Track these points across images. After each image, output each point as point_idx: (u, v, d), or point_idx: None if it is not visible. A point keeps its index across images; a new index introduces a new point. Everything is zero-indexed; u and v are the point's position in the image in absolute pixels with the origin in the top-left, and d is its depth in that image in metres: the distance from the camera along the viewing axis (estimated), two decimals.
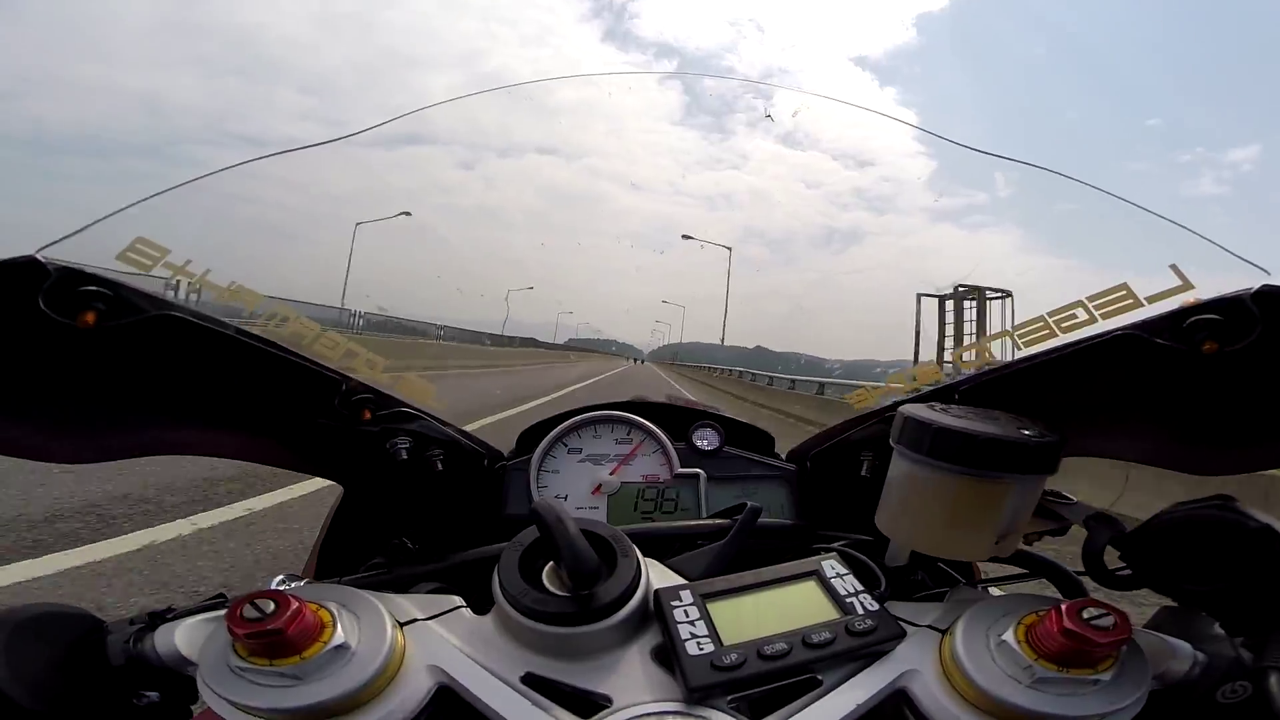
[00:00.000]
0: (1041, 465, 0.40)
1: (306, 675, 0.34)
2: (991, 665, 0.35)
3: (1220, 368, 0.40)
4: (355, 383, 0.57)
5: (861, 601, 0.40)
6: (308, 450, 0.63)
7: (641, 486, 0.78)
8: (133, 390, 0.48)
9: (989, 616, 0.38)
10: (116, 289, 0.40)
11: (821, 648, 0.37)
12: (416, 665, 0.37)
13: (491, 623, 0.40)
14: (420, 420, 0.64)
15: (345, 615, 0.37)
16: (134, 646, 0.39)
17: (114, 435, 0.51)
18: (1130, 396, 0.48)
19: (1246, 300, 0.37)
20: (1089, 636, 0.33)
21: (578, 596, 0.38)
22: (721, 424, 0.84)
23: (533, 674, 0.37)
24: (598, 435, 0.82)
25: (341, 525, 0.73)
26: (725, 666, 0.36)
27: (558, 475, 0.79)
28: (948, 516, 0.42)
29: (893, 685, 0.36)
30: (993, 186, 15.03)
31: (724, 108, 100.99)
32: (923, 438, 0.41)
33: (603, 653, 0.38)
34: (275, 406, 0.56)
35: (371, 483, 0.70)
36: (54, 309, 0.38)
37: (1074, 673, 0.33)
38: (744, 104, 24.59)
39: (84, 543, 2.65)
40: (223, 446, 0.58)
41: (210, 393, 0.52)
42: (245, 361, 0.49)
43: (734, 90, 2.22)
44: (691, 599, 0.40)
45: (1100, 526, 0.44)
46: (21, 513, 2.86)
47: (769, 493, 0.79)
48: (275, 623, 0.33)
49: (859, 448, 0.69)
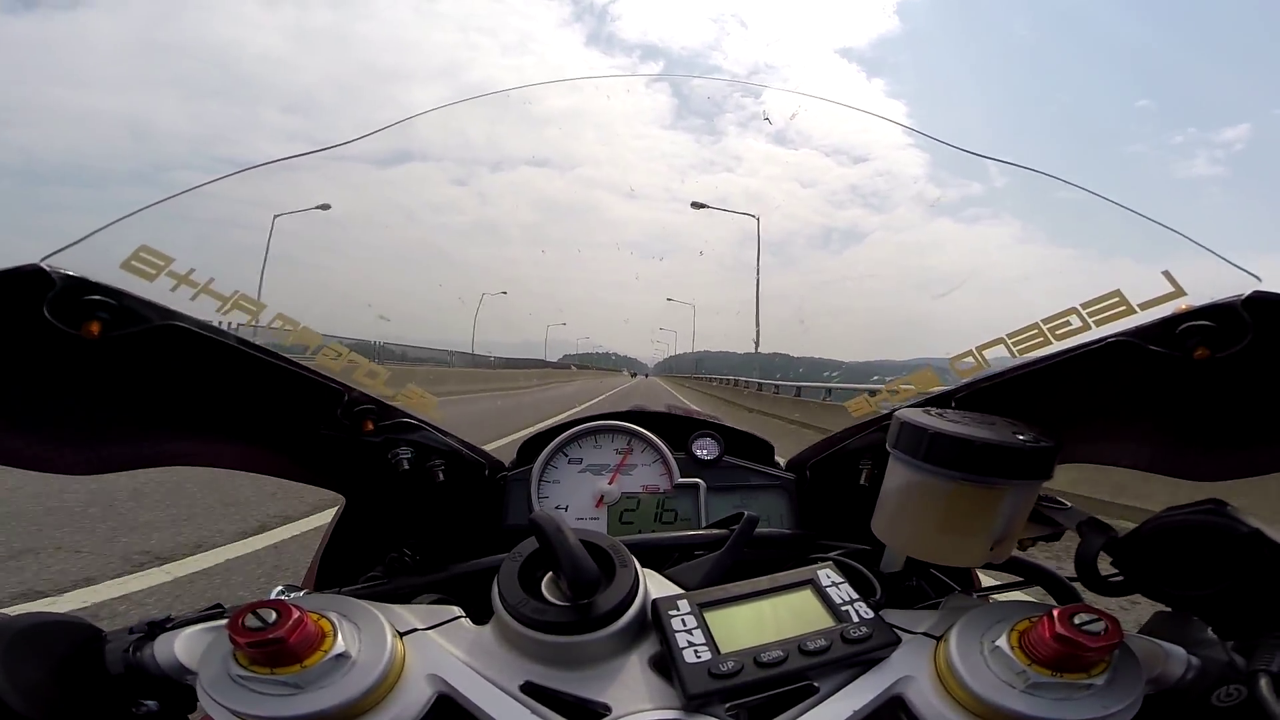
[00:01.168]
0: (1036, 471, 0.40)
1: (307, 684, 0.34)
2: (986, 671, 0.35)
3: (1212, 373, 0.40)
4: (357, 394, 0.57)
5: (857, 609, 0.41)
6: (310, 461, 0.63)
7: (642, 497, 0.79)
8: (136, 400, 0.49)
9: (983, 623, 0.38)
10: (121, 298, 0.41)
11: (817, 655, 0.37)
12: (416, 674, 0.37)
13: (491, 632, 0.40)
14: (421, 431, 0.64)
15: (346, 625, 0.38)
16: (133, 655, 0.39)
17: (117, 446, 0.51)
18: (1124, 402, 0.49)
19: (1238, 306, 0.38)
20: (1081, 641, 0.33)
21: (577, 606, 0.39)
22: (721, 433, 0.84)
23: (532, 683, 0.37)
24: (598, 445, 0.82)
25: (343, 536, 0.73)
26: (722, 674, 0.36)
27: (558, 485, 0.79)
28: (943, 521, 0.42)
29: (888, 692, 0.37)
30: (988, 177, 15.12)
31: (714, 109, 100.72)
32: (919, 443, 0.42)
33: (601, 662, 0.38)
34: (278, 417, 0.56)
35: (373, 493, 0.70)
36: (59, 318, 0.39)
37: (1067, 678, 0.33)
38: (734, 104, 23.22)
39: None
40: (226, 457, 0.58)
41: (213, 403, 0.52)
42: (248, 372, 0.49)
43: (723, 91, 2.22)
44: (689, 608, 0.41)
45: (1093, 532, 0.44)
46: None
47: (768, 502, 0.79)
48: (277, 632, 0.33)
49: (858, 456, 0.69)
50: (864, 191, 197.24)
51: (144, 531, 3.10)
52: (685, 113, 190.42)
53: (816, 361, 23.99)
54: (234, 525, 3.33)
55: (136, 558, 2.77)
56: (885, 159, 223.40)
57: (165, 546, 2.93)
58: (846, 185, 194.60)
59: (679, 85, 30.01)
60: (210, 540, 3.08)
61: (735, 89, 1.14)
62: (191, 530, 3.19)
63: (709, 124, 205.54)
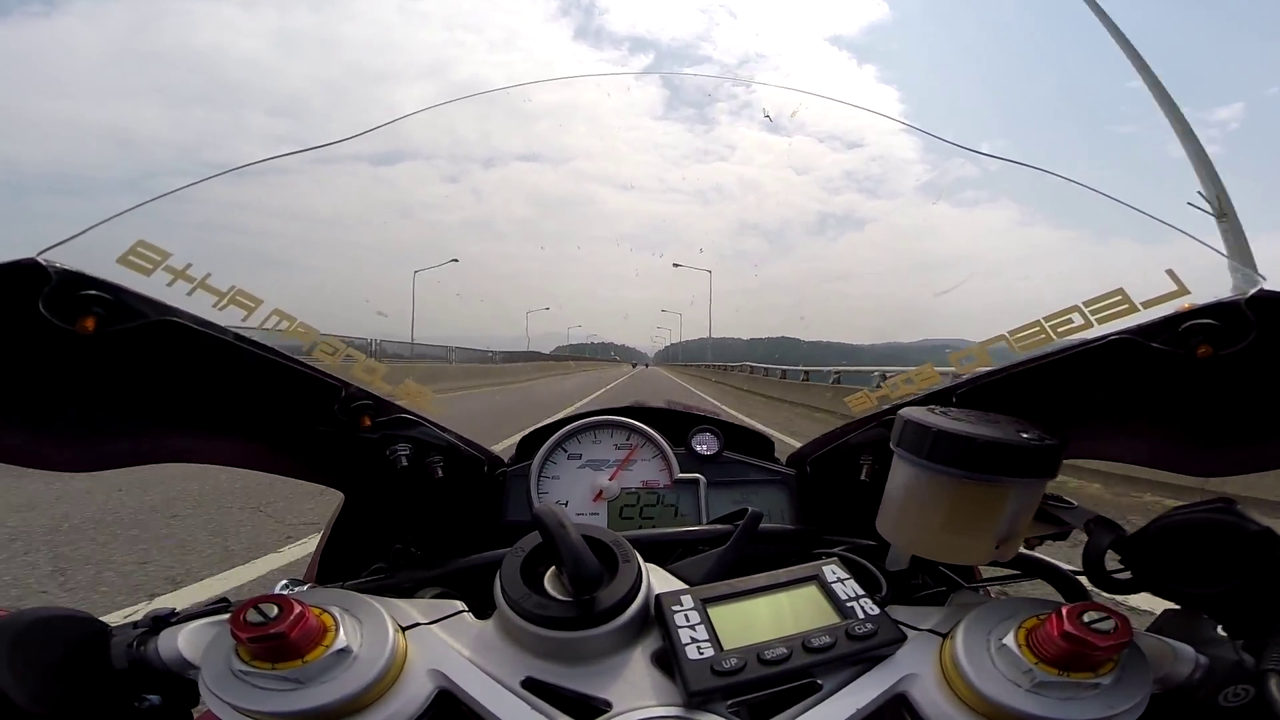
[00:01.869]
0: (1041, 469, 0.40)
1: (309, 679, 0.34)
2: (992, 669, 0.35)
3: (1215, 371, 0.40)
4: (355, 389, 0.57)
5: (862, 606, 0.40)
6: (308, 457, 0.63)
7: (641, 492, 0.79)
8: (133, 397, 0.48)
9: (989, 620, 0.38)
10: (118, 294, 0.40)
11: (821, 652, 0.37)
12: (418, 669, 0.37)
13: (493, 627, 0.40)
14: (420, 427, 0.64)
15: (347, 619, 0.37)
16: (136, 650, 0.39)
17: (114, 442, 0.51)
18: (1128, 400, 0.48)
19: (1241, 305, 0.38)
20: (1089, 640, 0.33)
21: (579, 601, 0.38)
22: (721, 429, 0.84)
23: (533, 679, 0.37)
24: (598, 441, 0.82)
25: (343, 531, 0.73)
26: (725, 671, 0.36)
27: (558, 481, 0.79)
28: (947, 520, 0.42)
29: (893, 689, 0.36)
30: (983, 161, 14.99)
31: (705, 99, 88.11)
32: (923, 441, 0.41)
33: (603, 657, 0.38)
34: (276, 413, 0.56)
35: (372, 489, 0.70)
36: (54, 313, 0.38)
37: (1074, 676, 0.33)
38: (725, 93, 23.05)
39: None
40: (224, 454, 0.58)
41: (211, 400, 0.52)
42: (246, 368, 0.49)
43: (714, 81, 2.22)
44: (692, 604, 0.40)
45: (1101, 530, 0.44)
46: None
47: (769, 497, 0.79)
48: (278, 627, 0.33)
49: (858, 452, 0.69)
50: (859, 177, 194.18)
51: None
52: (677, 103, 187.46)
53: (825, 346, 23.64)
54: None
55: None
56: (879, 144, 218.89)
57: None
58: (841, 171, 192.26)
59: (671, 76, 30.08)
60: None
61: (728, 80, 1.13)
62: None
63: (701, 113, 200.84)
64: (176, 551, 2.94)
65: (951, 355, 0.57)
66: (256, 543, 3.10)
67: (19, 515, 3.30)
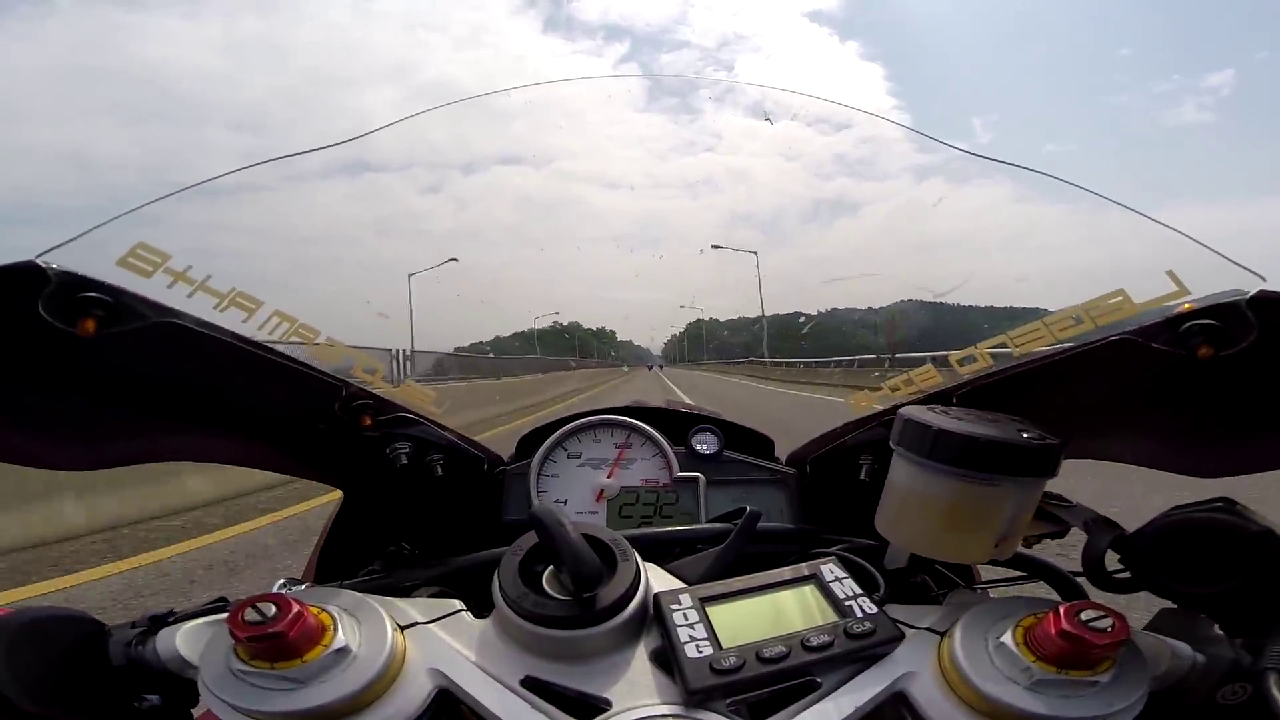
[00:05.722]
0: (1041, 469, 0.40)
1: (307, 678, 0.34)
2: (990, 667, 0.35)
3: (1216, 372, 0.40)
4: (355, 388, 0.57)
5: (860, 605, 0.41)
6: (308, 456, 0.63)
7: (641, 490, 0.79)
8: (133, 396, 0.48)
9: (987, 619, 0.38)
10: (117, 295, 0.40)
11: (820, 650, 0.37)
12: (417, 668, 0.37)
13: (492, 626, 0.40)
14: (420, 425, 0.64)
15: (346, 619, 0.37)
16: (135, 649, 0.39)
17: (114, 442, 0.51)
18: (1128, 400, 0.49)
19: (1242, 305, 0.38)
20: (1087, 638, 0.33)
21: (578, 600, 0.38)
22: (721, 428, 0.84)
23: (532, 677, 0.37)
24: (597, 440, 0.82)
25: (341, 530, 0.73)
26: (724, 669, 0.36)
27: (557, 480, 0.79)
28: (947, 519, 0.42)
29: (891, 688, 0.37)
30: (973, 134, 14.56)
31: (686, 87, 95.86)
32: (923, 440, 0.41)
33: (602, 656, 0.38)
34: (276, 413, 0.56)
35: (371, 488, 0.70)
36: (54, 315, 0.38)
37: (1072, 674, 0.33)
38: (707, 80, 22.94)
39: None
40: (223, 452, 0.58)
41: (211, 399, 0.52)
42: (247, 368, 0.49)
43: (693, 66, 2.17)
44: (691, 602, 0.40)
45: (1100, 529, 0.44)
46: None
47: (769, 497, 0.79)
48: (277, 626, 0.33)
49: (858, 451, 0.69)
50: (849, 160, 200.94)
51: None
52: (658, 93, 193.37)
53: (830, 315, 22.92)
54: None
55: None
56: (867, 124, 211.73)
57: None
58: (831, 155, 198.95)
59: (647, 65, 29.09)
60: None
61: (707, 66, 1.13)
62: None
63: (684, 102, 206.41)
64: None
65: (953, 356, 0.57)
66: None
67: None
